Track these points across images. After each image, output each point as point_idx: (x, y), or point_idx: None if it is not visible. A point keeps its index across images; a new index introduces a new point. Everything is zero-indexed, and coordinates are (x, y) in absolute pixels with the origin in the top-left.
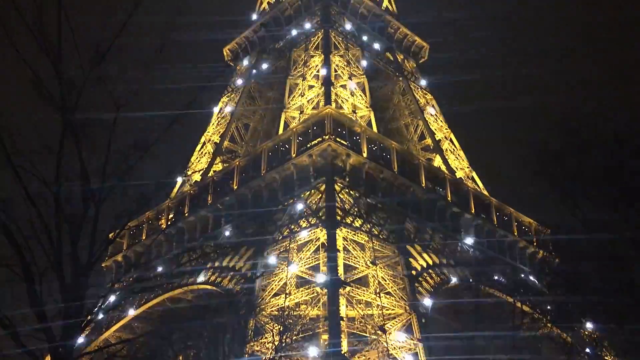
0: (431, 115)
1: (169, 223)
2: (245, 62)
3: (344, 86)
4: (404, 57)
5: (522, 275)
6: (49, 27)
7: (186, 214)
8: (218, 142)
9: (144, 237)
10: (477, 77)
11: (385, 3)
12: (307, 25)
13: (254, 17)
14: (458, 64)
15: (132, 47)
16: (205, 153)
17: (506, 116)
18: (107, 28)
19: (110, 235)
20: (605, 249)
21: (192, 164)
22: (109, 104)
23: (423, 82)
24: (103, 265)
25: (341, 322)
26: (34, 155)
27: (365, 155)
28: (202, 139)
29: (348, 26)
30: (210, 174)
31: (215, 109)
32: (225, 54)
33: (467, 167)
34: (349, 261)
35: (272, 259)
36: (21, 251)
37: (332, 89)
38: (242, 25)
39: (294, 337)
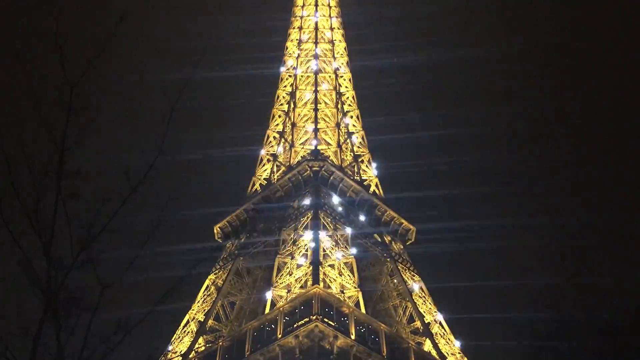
0: (420, 297)
1: None
2: (235, 240)
3: (332, 266)
4: (391, 238)
5: None
6: (44, 209)
7: None
8: (202, 320)
9: None
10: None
11: (373, 187)
12: (297, 206)
13: (246, 196)
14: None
15: (124, 229)
16: (188, 332)
17: (495, 299)
18: (100, 212)
19: None
20: None
21: (174, 343)
22: (93, 284)
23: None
24: None
25: None
26: (11, 337)
27: (353, 337)
28: (186, 317)
29: (337, 208)
30: (191, 355)
31: (202, 286)
32: (215, 231)
33: (459, 353)
34: None
35: None
36: None
37: (320, 268)
38: (235, 202)
39: None
